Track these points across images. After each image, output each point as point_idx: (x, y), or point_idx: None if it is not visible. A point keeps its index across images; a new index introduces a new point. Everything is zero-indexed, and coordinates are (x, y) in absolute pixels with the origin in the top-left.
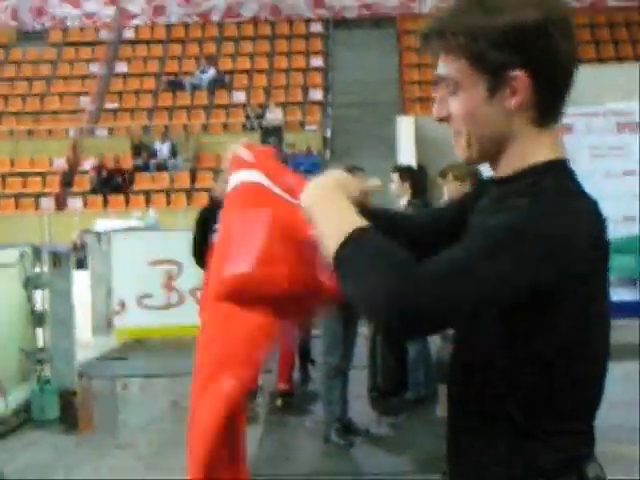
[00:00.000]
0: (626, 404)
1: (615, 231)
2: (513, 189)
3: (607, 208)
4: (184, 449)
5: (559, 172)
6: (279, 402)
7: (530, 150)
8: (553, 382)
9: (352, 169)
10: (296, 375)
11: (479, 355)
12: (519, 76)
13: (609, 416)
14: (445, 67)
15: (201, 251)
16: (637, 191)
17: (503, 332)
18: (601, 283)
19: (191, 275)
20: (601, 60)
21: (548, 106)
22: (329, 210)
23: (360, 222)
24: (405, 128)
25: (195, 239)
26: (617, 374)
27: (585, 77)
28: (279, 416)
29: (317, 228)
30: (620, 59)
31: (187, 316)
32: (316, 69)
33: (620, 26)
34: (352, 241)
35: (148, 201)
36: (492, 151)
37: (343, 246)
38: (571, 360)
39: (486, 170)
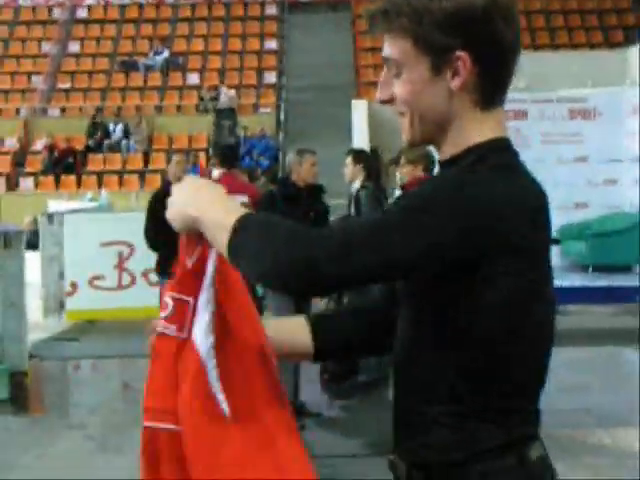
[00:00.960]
0: (576, 388)
1: (567, 217)
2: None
3: (559, 194)
4: (136, 430)
5: (501, 150)
6: None
7: (472, 131)
8: (495, 359)
9: (302, 151)
10: None
11: (421, 331)
12: (462, 57)
13: (560, 400)
14: (389, 48)
15: (153, 234)
16: (589, 177)
17: (440, 307)
18: (541, 263)
19: (143, 257)
20: (555, 47)
21: (490, 89)
22: (211, 210)
23: (242, 211)
24: (359, 112)
25: (147, 222)
26: (567, 359)
27: (539, 64)
28: None
29: (209, 233)
30: (574, 46)
31: (139, 298)
32: (270, 52)
33: (574, 13)
34: (240, 228)
35: (100, 182)
36: (435, 132)
37: (233, 237)
38: (511, 337)
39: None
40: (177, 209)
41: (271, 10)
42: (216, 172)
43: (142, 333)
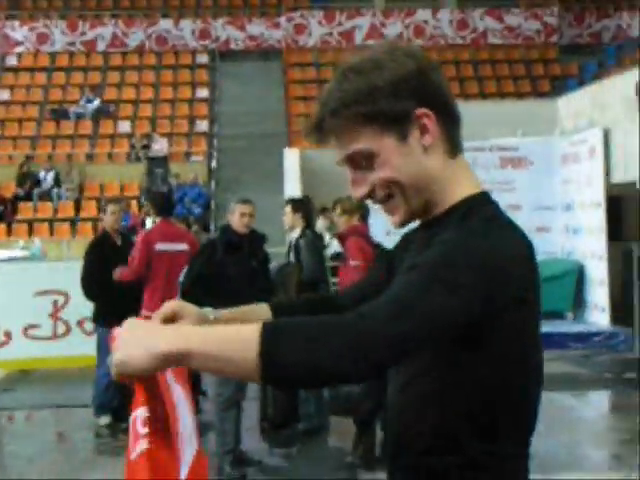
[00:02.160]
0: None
1: None
2: (441, 228)
3: None
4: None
5: (484, 205)
6: None
7: (452, 188)
8: (503, 405)
9: (237, 201)
10: None
11: (428, 389)
12: (423, 113)
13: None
14: (351, 144)
15: (90, 283)
16: (522, 225)
17: (453, 363)
18: (537, 308)
19: (78, 306)
20: (484, 96)
21: (453, 135)
22: (206, 339)
23: (250, 325)
24: (291, 160)
25: (84, 271)
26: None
27: (469, 113)
28: None
29: (209, 361)
30: (502, 95)
31: (73, 347)
32: (202, 100)
33: (501, 63)
34: (272, 335)
35: (31, 231)
36: (427, 199)
37: (267, 345)
38: (515, 384)
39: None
40: (138, 351)
41: (202, 58)
42: (149, 220)
43: (77, 382)
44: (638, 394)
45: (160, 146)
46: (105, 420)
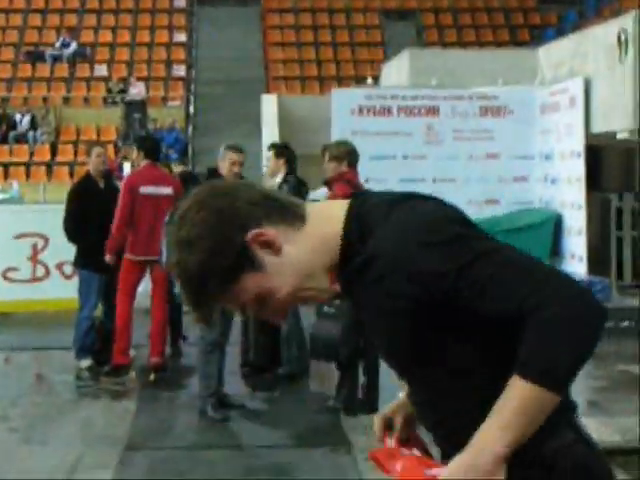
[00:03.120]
0: None
1: (479, 213)
2: (360, 264)
3: (471, 190)
4: (57, 421)
5: (368, 201)
6: (152, 377)
7: (328, 246)
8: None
9: (227, 147)
10: (168, 350)
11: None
12: (252, 236)
13: None
14: (234, 304)
15: (73, 227)
16: (500, 174)
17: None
18: None
19: (57, 249)
20: (463, 45)
21: (287, 217)
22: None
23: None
24: (269, 106)
25: (67, 215)
26: None
27: (449, 61)
28: (153, 391)
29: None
30: (481, 44)
31: (53, 290)
32: (179, 44)
33: (480, 12)
34: (539, 373)
35: (7, 174)
36: (325, 270)
37: (544, 380)
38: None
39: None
40: None
41: (180, 2)
42: (127, 164)
43: (57, 325)
44: (614, 342)
45: (137, 90)
46: (86, 363)
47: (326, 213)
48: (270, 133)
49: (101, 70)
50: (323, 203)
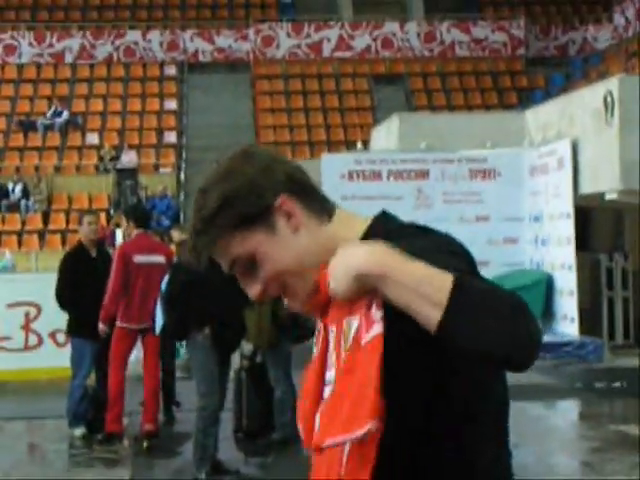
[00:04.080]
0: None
1: None
2: None
3: None
4: None
5: (388, 222)
6: (145, 444)
7: (340, 242)
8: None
9: None
10: (160, 417)
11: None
12: (283, 200)
13: None
14: (226, 256)
15: (67, 294)
16: (490, 236)
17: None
18: None
19: (50, 317)
20: (451, 108)
21: (316, 207)
22: (406, 266)
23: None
24: None
25: (60, 283)
26: None
27: (438, 125)
28: (146, 458)
29: (402, 294)
30: (469, 107)
31: (46, 358)
32: (170, 112)
33: (468, 75)
34: (461, 290)
35: None
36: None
37: (456, 296)
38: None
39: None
40: (340, 275)
41: (170, 70)
42: (119, 232)
43: (50, 394)
44: (607, 403)
45: (129, 158)
46: (79, 431)
47: (351, 222)
48: None
49: (92, 138)
50: (351, 212)
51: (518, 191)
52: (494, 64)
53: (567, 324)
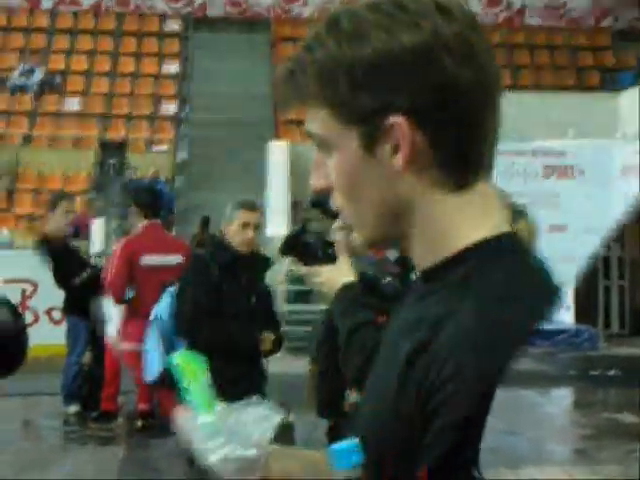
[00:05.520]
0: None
1: None
2: (435, 290)
3: None
4: (46, 469)
5: (496, 256)
6: (139, 423)
7: (447, 227)
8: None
9: (236, 205)
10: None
11: None
12: (397, 123)
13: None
14: (309, 121)
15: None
16: (568, 252)
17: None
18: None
19: (46, 294)
20: (518, 88)
21: (454, 160)
22: None
23: None
24: (278, 155)
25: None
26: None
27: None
28: (140, 437)
29: None
30: (540, 87)
31: (42, 335)
32: (170, 76)
33: (541, 48)
34: None
35: None
36: (394, 230)
37: None
38: None
39: None
40: None
41: (173, 25)
42: (98, 221)
43: (46, 371)
44: (602, 391)
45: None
46: (74, 408)
47: (482, 213)
48: (278, 187)
49: (72, 104)
50: (496, 198)
51: (606, 195)
52: (573, 36)
53: (562, 312)
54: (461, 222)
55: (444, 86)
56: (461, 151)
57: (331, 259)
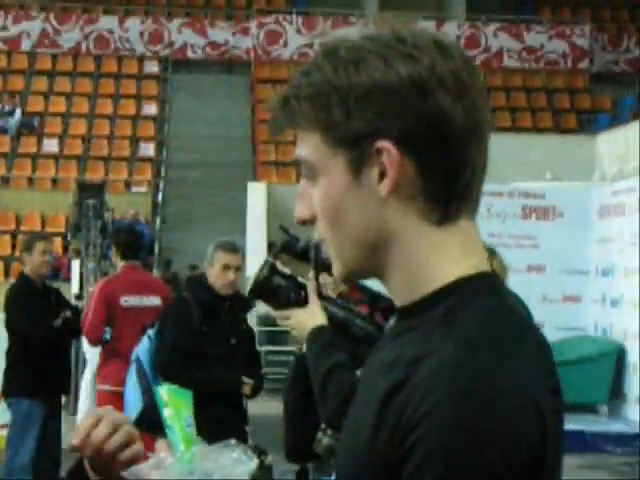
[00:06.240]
0: None
1: None
2: (413, 328)
3: None
4: None
5: (478, 295)
6: None
7: (428, 262)
8: None
9: (219, 246)
10: None
11: None
12: (384, 148)
13: None
14: (298, 147)
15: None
16: (545, 292)
17: None
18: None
19: None
20: (497, 129)
21: (441, 192)
22: None
23: None
24: (256, 196)
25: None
26: None
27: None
28: None
29: None
30: (517, 130)
31: None
32: (149, 118)
33: (519, 91)
34: None
35: None
36: (373, 262)
37: None
38: None
39: None
40: None
41: (151, 67)
42: (76, 263)
43: None
44: None
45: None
46: None
47: (464, 251)
48: (256, 229)
49: (51, 146)
50: (477, 236)
51: (584, 236)
52: (550, 79)
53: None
54: (442, 258)
55: (436, 119)
56: (447, 183)
57: (302, 302)
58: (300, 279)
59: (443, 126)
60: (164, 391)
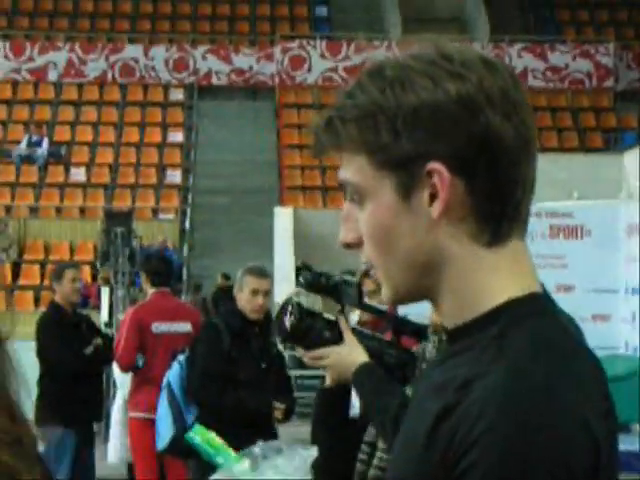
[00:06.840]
0: None
1: None
2: (465, 351)
3: None
4: None
5: (530, 316)
6: None
7: (481, 283)
8: None
9: (247, 271)
10: None
11: None
12: (436, 170)
13: None
14: (344, 170)
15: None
16: (574, 311)
17: None
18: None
19: None
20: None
21: (492, 213)
22: None
23: None
24: (283, 221)
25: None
26: None
27: None
28: None
29: None
30: (544, 150)
31: None
32: (175, 145)
33: (544, 110)
34: None
35: None
36: (424, 284)
37: None
38: None
39: None
40: None
41: (177, 95)
42: (105, 291)
43: None
44: None
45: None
46: None
47: (515, 272)
48: (284, 253)
49: (78, 175)
50: (528, 258)
51: (612, 255)
52: (575, 98)
53: None
54: (494, 279)
55: (486, 138)
56: (498, 203)
57: (337, 340)
58: (326, 315)
59: (493, 145)
60: (196, 434)
